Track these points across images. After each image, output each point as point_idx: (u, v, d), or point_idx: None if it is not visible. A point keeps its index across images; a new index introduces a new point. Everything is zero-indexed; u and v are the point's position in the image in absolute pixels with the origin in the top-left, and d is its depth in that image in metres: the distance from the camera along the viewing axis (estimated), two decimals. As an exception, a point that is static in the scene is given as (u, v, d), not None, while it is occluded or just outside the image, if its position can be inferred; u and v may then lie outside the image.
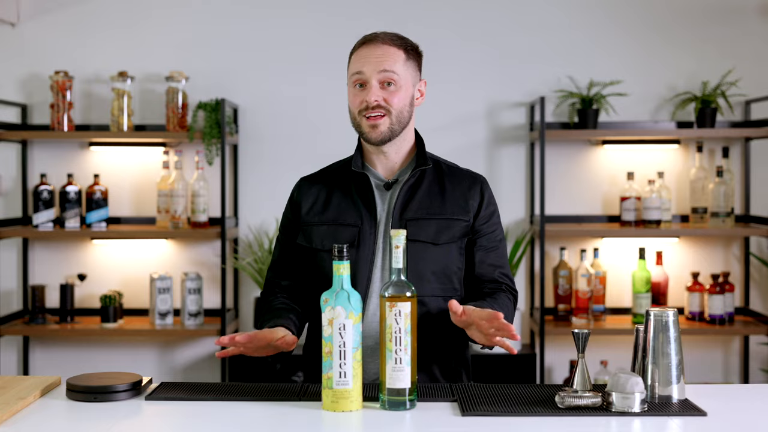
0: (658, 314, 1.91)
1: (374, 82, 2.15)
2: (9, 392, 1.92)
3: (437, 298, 2.16)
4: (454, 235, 2.19)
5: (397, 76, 2.15)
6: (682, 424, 1.76)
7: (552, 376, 4.15)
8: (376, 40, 2.18)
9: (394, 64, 2.15)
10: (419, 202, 2.20)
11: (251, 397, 1.92)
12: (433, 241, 2.17)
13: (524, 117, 4.14)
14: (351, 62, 2.21)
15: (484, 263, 2.23)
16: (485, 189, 2.27)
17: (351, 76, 2.18)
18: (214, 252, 4.13)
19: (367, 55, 2.16)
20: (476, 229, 2.23)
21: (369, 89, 2.15)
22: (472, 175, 2.29)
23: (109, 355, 4.15)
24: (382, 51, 2.16)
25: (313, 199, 2.26)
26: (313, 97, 4.13)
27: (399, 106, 2.16)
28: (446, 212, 2.20)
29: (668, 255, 4.12)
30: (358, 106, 2.17)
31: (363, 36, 2.22)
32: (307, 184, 2.30)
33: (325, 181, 2.28)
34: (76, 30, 4.14)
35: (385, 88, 2.16)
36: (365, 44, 2.18)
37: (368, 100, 2.14)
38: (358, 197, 2.22)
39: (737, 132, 3.95)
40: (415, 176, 2.22)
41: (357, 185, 2.23)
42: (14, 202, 4.14)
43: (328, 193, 2.25)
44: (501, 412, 1.81)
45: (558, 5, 4.13)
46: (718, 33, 4.12)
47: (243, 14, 4.13)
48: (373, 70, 2.15)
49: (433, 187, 2.23)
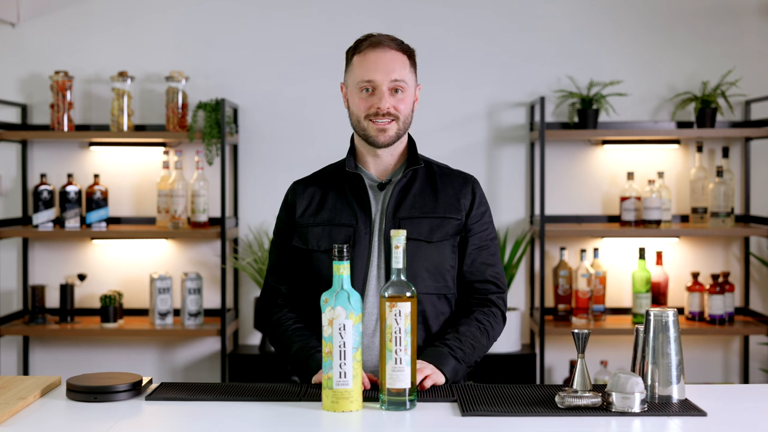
0: (658, 314, 1.92)
1: (385, 89, 2.17)
2: (9, 392, 1.92)
3: (431, 296, 2.20)
4: (447, 232, 2.22)
5: (404, 84, 2.19)
6: (682, 424, 1.76)
7: (552, 376, 4.15)
8: (381, 45, 2.18)
9: (402, 71, 2.18)
10: (412, 201, 2.22)
11: (251, 397, 1.92)
12: (426, 239, 2.19)
13: (524, 117, 4.14)
14: (355, 66, 2.20)
15: (476, 261, 2.25)
16: (476, 188, 2.29)
17: (358, 81, 2.18)
18: (214, 252, 4.13)
19: (377, 61, 2.17)
20: (468, 228, 2.26)
21: (380, 96, 2.17)
22: (463, 176, 2.32)
23: (109, 355, 4.15)
24: (391, 57, 2.17)
25: (308, 201, 2.27)
26: (313, 97, 4.12)
27: (406, 112, 2.20)
28: (439, 211, 2.23)
29: (668, 255, 4.12)
30: (365, 110, 2.18)
31: (364, 38, 2.21)
32: (301, 187, 2.31)
33: (318, 184, 2.30)
34: (76, 30, 4.14)
35: (393, 95, 2.18)
36: (371, 48, 2.18)
37: (381, 107, 2.16)
38: (352, 198, 2.23)
39: (737, 132, 3.95)
40: (407, 176, 2.24)
41: (351, 186, 2.25)
42: (14, 202, 4.14)
43: (323, 195, 2.27)
44: (501, 412, 1.81)
45: (558, 5, 4.13)
46: (718, 33, 4.12)
47: (243, 14, 4.13)
48: (384, 77, 2.16)
49: (425, 186, 2.26)
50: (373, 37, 2.20)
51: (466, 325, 2.18)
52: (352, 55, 2.22)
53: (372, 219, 2.21)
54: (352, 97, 2.21)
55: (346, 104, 2.26)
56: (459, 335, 2.15)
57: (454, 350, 2.11)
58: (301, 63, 4.13)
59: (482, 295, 2.26)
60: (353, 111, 2.21)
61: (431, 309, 2.19)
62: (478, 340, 2.18)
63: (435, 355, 2.09)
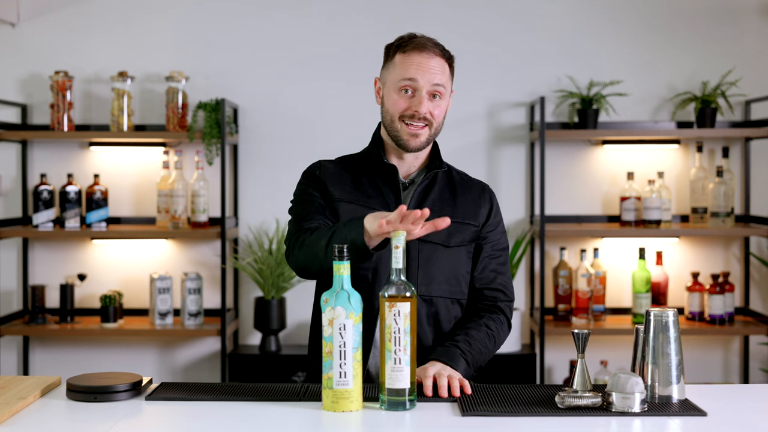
0: (658, 314, 1.92)
1: (425, 93, 2.16)
2: (9, 392, 1.92)
3: (445, 300, 2.20)
4: (464, 238, 2.23)
5: (443, 90, 2.19)
6: (682, 424, 1.76)
7: (552, 376, 4.15)
8: (426, 49, 2.16)
9: (443, 77, 2.18)
10: (431, 204, 2.22)
11: (251, 397, 1.93)
12: (444, 243, 2.19)
13: (524, 117, 4.14)
14: (397, 64, 2.18)
15: (486, 269, 2.26)
16: (493, 198, 2.32)
17: (400, 80, 2.16)
18: (214, 252, 4.13)
19: (421, 64, 2.15)
20: (483, 236, 2.27)
21: (419, 99, 2.16)
22: (481, 185, 2.33)
23: (109, 355, 4.15)
24: (436, 63, 2.17)
25: (339, 179, 2.24)
26: (314, 97, 4.12)
27: (440, 119, 2.21)
28: (458, 216, 2.23)
29: (668, 255, 4.12)
30: (401, 111, 2.17)
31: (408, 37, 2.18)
32: (330, 166, 2.28)
33: (348, 167, 2.28)
34: (76, 30, 4.14)
35: (431, 100, 2.17)
36: (416, 50, 2.16)
37: (419, 111, 2.15)
38: (386, 187, 2.22)
39: (737, 132, 3.95)
40: (429, 178, 2.25)
41: (384, 176, 2.23)
42: (14, 202, 4.14)
43: (355, 177, 2.24)
44: (501, 413, 1.81)
45: (558, 5, 4.13)
46: (718, 33, 4.12)
47: (243, 14, 4.13)
48: (427, 81, 2.15)
49: (445, 191, 2.26)
50: (418, 38, 2.18)
51: (476, 330, 2.18)
52: (395, 53, 2.19)
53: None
54: (389, 94, 2.19)
55: (379, 100, 2.24)
56: (469, 338, 2.15)
57: (465, 353, 2.11)
58: (301, 63, 4.13)
59: (491, 302, 2.26)
60: (388, 109, 2.19)
61: (444, 312, 2.20)
62: (486, 345, 2.18)
63: (449, 355, 2.08)
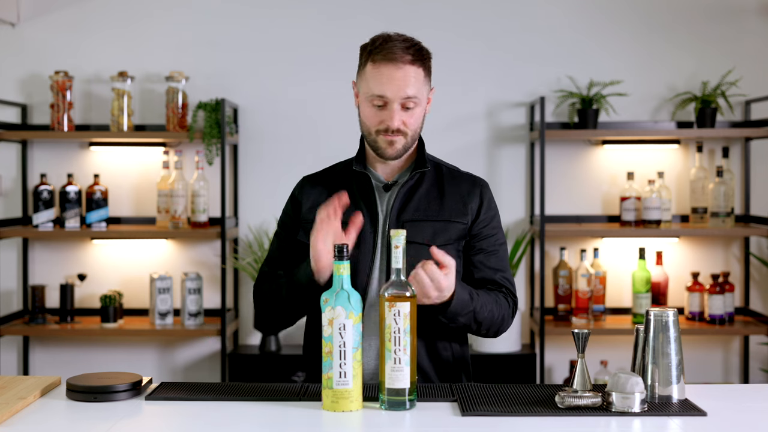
0: (658, 314, 1.91)
1: (396, 105, 2.13)
2: (9, 392, 1.92)
3: None
4: (450, 237, 2.20)
5: (416, 99, 2.15)
6: (682, 424, 1.76)
7: (552, 376, 4.15)
8: (396, 59, 2.11)
9: (415, 86, 2.13)
10: (417, 204, 2.20)
11: (251, 397, 1.92)
12: (429, 243, 2.16)
13: (524, 117, 4.14)
14: (368, 75, 2.15)
15: (485, 267, 2.23)
16: (485, 192, 2.27)
17: (370, 95, 2.14)
18: (214, 252, 4.13)
19: (392, 77, 2.12)
20: (476, 233, 2.23)
21: (391, 113, 2.13)
22: (472, 179, 2.29)
23: (109, 355, 4.15)
24: (404, 73, 2.12)
25: (315, 198, 2.26)
26: (314, 97, 4.12)
27: (415, 126, 2.18)
28: (444, 215, 2.21)
29: (668, 255, 4.12)
30: (376, 125, 2.16)
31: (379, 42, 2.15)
32: (309, 183, 2.30)
33: (327, 181, 2.29)
34: (76, 30, 4.14)
35: (404, 111, 2.15)
36: (385, 62, 2.12)
37: (391, 125, 2.14)
38: (359, 197, 2.22)
39: (737, 132, 3.95)
40: (414, 178, 2.23)
41: (359, 185, 2.24)
42: (14, 202, 4.14)
43: (330, 193, 2.24)
44: (501, 412, 1.81)
45: (558, 5, 4.13)
46: (718, 33, 4.12)
47: (243, 14, 4.13)
48: (396, 94, 2.12)
49: (432, 189, 2.24)
50: (389, 44, 2.13)
51: (485, 292, 2.16)
52: (366, 60, 2.16)
53: (377, 220, 2.20)
54: (363, 105, 2.18)
55: (357, 103, 2.23)
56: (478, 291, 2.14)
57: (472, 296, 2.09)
58: (302, 63, 4.13)
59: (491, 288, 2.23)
60: (364, 121, 2.19)
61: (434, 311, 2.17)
62: (491, 306, 2.14)
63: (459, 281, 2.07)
